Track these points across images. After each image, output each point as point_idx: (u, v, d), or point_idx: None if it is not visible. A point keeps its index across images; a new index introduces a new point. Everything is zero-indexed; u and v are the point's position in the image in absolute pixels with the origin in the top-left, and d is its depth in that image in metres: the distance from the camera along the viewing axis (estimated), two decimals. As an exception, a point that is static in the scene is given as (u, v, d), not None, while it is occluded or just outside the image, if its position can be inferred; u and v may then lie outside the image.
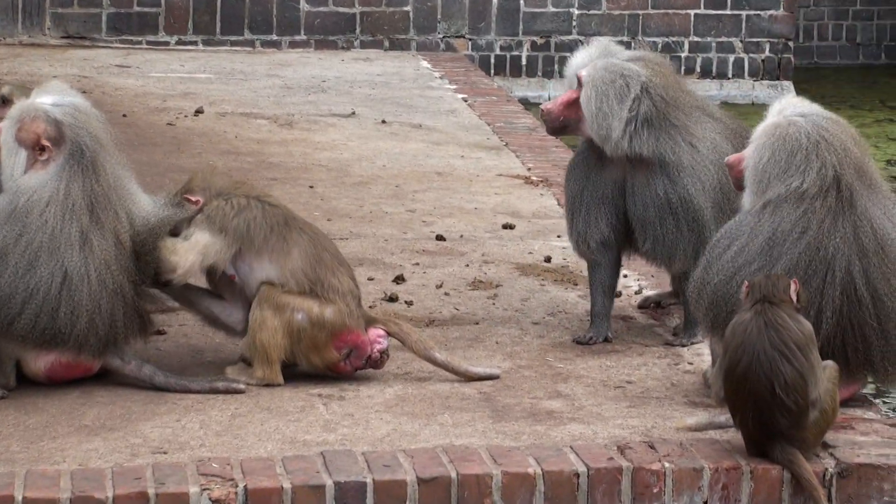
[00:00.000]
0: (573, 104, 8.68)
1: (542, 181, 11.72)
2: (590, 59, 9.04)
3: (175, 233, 8.03)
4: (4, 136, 7.88)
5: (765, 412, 6.89)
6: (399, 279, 9.51)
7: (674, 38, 19.43)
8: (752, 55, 19.66)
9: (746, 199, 7.85)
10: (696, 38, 19.52)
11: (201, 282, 8.12)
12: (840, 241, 7.51)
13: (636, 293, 9.47)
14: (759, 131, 7.83)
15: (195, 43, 18.06)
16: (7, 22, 18.03)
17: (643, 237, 8.79)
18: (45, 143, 7.79)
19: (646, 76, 8.58)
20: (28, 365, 7.84)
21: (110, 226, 7.77)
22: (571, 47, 19.21)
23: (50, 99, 7.94)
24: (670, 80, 8.77)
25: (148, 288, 7.98)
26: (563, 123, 8.71)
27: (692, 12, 19.51)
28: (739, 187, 7.94)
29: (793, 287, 7.08)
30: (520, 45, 19.22)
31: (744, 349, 6.91)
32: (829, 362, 7.06)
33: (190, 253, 7.89)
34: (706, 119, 8.75)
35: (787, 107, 7.97)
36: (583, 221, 9.08)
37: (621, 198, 8.99)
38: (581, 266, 9.80)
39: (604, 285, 9.03)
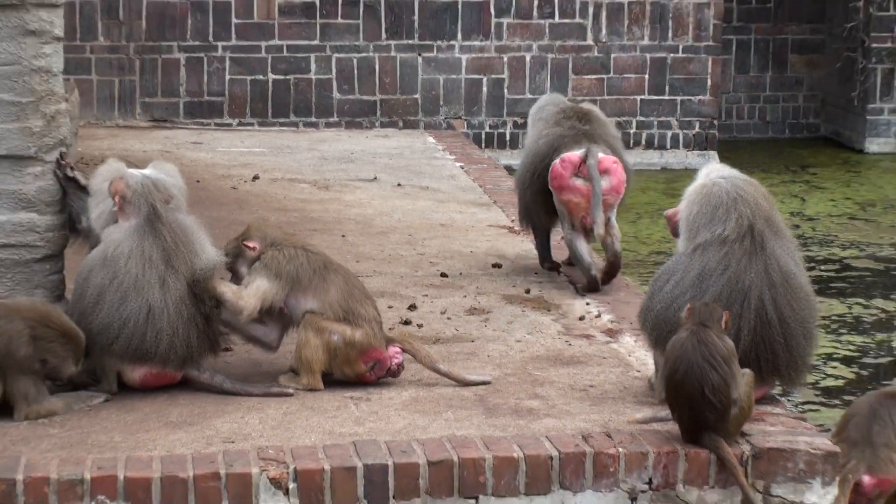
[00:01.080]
0: None
1: (521, 230, 11.72)
2: None
3: (233, 269, 8.13)
4: (97, 187, 7.98)
5: (696, 409, 6.96)
6: (412, 307, 9.57)
7: (625, 118, 19.39)
8: (685, 131, 19.62)
9: (680, 244, 7.91)
10: (642, 118, 19.49)
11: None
12: (754, 275, 7.59)
13: (596, 317, 9.46)
14: (690, 190, 7.92)
15: (252, 124, 18.07)
16: (106, 109, 18.05)
17: None
18: (123, 201, 7.86)
19: None
20: (126, 375, 7.88)
21: (183, 270, 7.82)
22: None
23: (146, 171, 8.03)
24: None
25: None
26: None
27: (638, 97, 19.50)
28: (675, 234, 8.02)
29: (724, 317, 7.18)
30: (504, 123, 19.19)
31: (681, 360, 6.99)
32: (747, 370, 7.12)
33: (253, 298, 7.94)
34: None
35: (712, 171, 8.04)
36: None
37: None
38: (552, 295, 9.87)
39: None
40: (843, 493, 7.04)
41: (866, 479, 7.27)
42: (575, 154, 10.30)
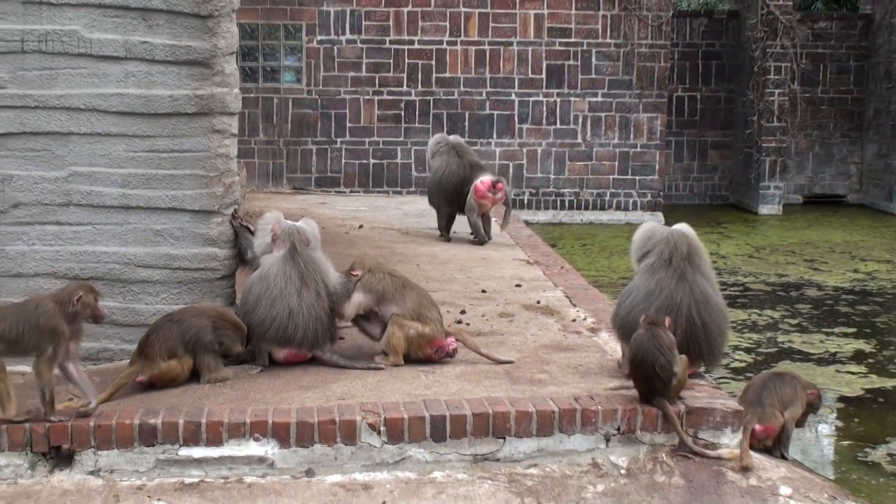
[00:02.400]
0: None
1: (534, 262, 11.71)
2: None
3: (347, 289, 8.11)
4: (265, 226, 7.99)
5: (650, 381, 6.88)
6: (462, 311, 9.48)
7: (601, 190, 19.37)
8: (641, 199, 19.58)
9: (636, 269, 7.92)
10: (613, 190, 19.46)
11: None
12: (682, 295, 7.51)
13: (583, 319, 9.39)
14: (639, 229, 8.01)
15: (359, 192, 18.09)
16: (263, 181, 18.12)
17: None
18: (275, 237, 7.89)
19: None
20: (274, 354, 7.85)
21: (313, 286, 7.80)
22: (550, 195, 19.24)
23: (293, 222, 8.04)
24: None
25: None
26: None
27: (611, 177, 19.46)
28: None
29: (668, 321, 7.12)
30: (523, 193, 19.19)
31: (640, 348, 6.92)
32: (682, 356, 7.05)
33: (352, 308, 7.94)
34: None
35: (649, 223, 8.12)
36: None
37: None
38: (555, 306, 9.81)
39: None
40: (745, 437, 6.98)
41: (758, 427, 7.22)
42: (488, 179, 12.98)
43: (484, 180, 12.96)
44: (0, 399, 6.60)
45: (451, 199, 13.24)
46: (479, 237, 13.16)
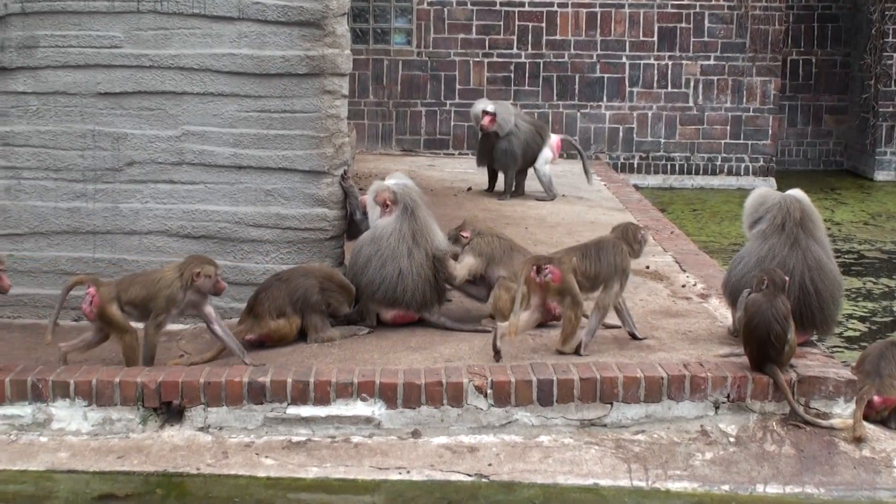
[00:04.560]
0: None
1: (644, 227, 11.57)
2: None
3: (455, 251, 8.09)
4: (369, 199, 7.97)
5: (763, 348, 6.80)
6: (572, 276, 9.41)
7: (712, 154, 19.16)
8: (753, 164, 19.32)
9: (748, 235, 7.82)
10: (725, 155, 19.21)
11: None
12: (795, 261, 7.42)
13: (693, 285, 9.29)
14: (749, 197, 7.90)
15: (467, 154, 18.04)
16: (373, 143, 18.15)
17: None
18: (389, 203, 7.87)
19: None
20: (382, 315, 7.89)
21: (423, 245, 7.81)
22: (661, 159, 19.06)
23: (392, 181, 8.01)
24: None
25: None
26: None
27: (723, 141, 19.22)
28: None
29: (787, 281, 7.03)
30: (633, 157, 19.03)
31: (756, 315, 6.82)
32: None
33: (463, 269, 7.95)
34: None
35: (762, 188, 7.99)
36: None
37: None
38: (664, 271, 9.71)
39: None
40: (859, 408, 6.84)
41: (876, 398, 7.06)
42: (558, 137, 13.72)
43: (556, 138, 13.74)
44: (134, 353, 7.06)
45: (524, 158, 13.51)
46: (552, 193, 13.56)
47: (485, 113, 13.35)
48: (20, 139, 8.06)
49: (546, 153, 13.43)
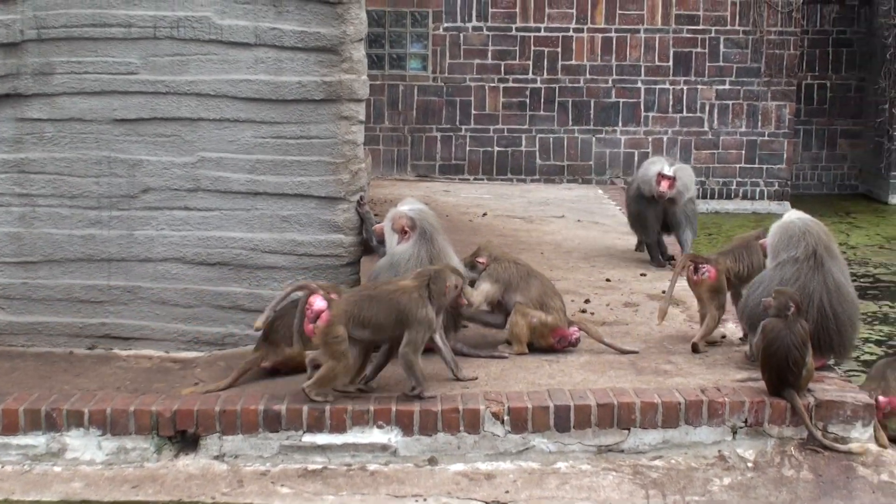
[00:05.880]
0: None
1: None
2: None
3: (471, 277, 8.05)
4: (387, 226, 7.93)
5: (781, 373, 6.78)
6: (587, 301, 9.38)
7: (727, 179, 19.12)
8: (768, 188, 19.29)
9: (768, 262, 7.78)
10: (740, 179, 19.17)
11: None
12: (816, 284, 7.39)
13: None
14: (775, 225, 7.80)
15: (482, 179, 18.03)
16: (388, 168, 18.17)
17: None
18: (406, 229, 7.83)
19: None
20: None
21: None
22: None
23: (408, 206, 7.96)
24: None
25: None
26: None
27: (738, 166, 19.18)
28: (765, 255, 7.88)
29: (794, 305, 6.99)
30: (648, 181, 19.01)
31: (776, 340, 6.82)
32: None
33: (480, 296, 7.91)
34: None
35: (791, 214, 7.90)
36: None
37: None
38: (680, 295, 9.69)
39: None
40: (874, 416, 6.96)
41: (881, 398, 7.10)
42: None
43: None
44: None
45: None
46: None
47: (662, 176, 11.03)
48: (35, 166, 8.04)
49: None
